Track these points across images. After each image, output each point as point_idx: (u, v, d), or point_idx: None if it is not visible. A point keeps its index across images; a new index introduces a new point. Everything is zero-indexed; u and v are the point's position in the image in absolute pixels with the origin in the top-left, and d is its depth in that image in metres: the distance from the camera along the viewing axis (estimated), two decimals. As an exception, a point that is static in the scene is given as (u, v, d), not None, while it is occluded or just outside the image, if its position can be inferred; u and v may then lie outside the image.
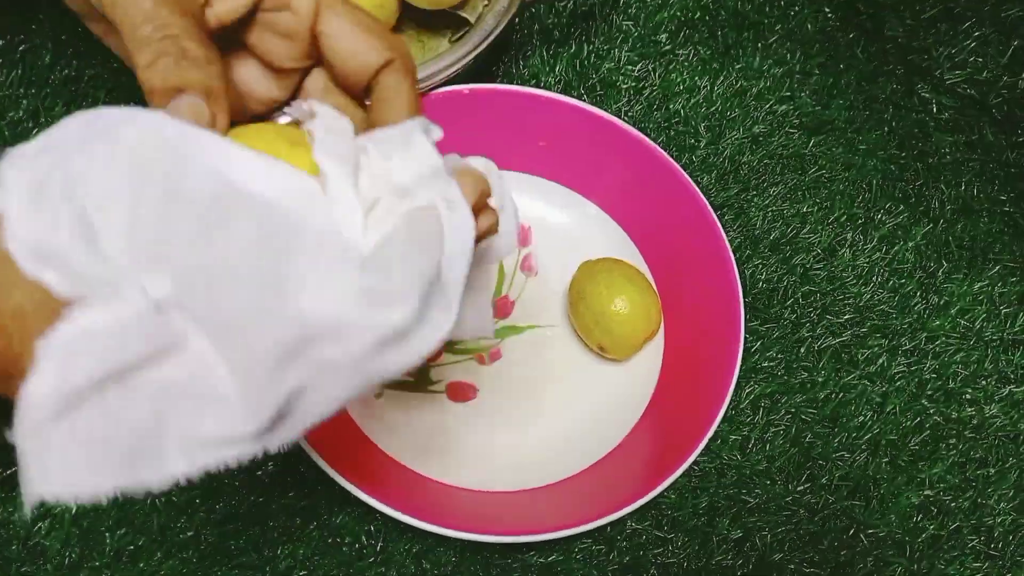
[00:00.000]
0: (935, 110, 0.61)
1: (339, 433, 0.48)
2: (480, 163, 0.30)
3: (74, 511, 0.46)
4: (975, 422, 0.53)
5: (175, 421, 0.23)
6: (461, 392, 0.51)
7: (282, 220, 0.24)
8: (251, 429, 0.23)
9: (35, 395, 0.22)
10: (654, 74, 0.60)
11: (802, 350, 0.54)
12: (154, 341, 0.23)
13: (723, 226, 0.52)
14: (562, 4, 0.61)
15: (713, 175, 0.58)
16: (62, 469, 0.22)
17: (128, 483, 0.23)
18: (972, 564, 0.49)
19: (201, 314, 0.23)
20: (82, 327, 0.22)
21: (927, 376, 0.54)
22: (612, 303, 0.50)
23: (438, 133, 0.29)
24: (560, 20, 0.61)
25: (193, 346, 0.23)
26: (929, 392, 0.53)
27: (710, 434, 0.47)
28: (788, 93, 0.61)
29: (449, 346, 0.52)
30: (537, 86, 0.57)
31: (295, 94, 0.31)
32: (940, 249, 0.57)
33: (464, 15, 0.55)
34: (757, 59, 0.61)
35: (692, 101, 0.60)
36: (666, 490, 0.47)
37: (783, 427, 0.52)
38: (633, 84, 0.60)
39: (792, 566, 0.49)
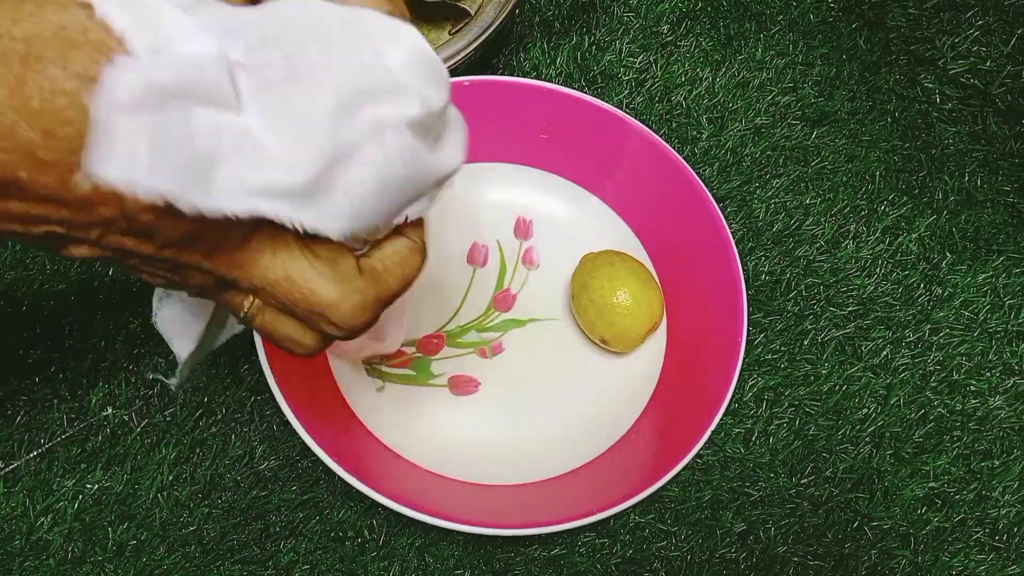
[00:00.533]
0: (938, 100, 0.60)
1: (341, 427, 0.48)
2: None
3: (76, 506, 0.46)
4: (979, 414, 0.53)
5: (226, 163, 0.25)
6: (463, 385, 0.51)
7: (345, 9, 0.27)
8: (294, 181, 0.25)
9: (117, 81, 0.23)
10: (656, 65, 0.60)
11: (805, 342, 0.53)
12: (219, 86, 0.25)
13: (725, 218, 0.52)
14: (563, -4, 0.61)
15: (715, 167, 0.57)
16: (125, 155, 0.23)
17: (179, 195, 0.24)
18: (976, 556, 0.49)
19: (265, 78, 0.25)
20: (159, 54, 0.24)
21: (931, 368, 0.53)
22: (614, 296, 0.49)
23: None
24: (561, 12, 0.61)
25: (249, 111, 0.25)
26: (933, 384, 0.53)
27: (713, 427, 0.47)
28: (790, 84, 0.60)
29: (451, 339, 0.52)
30: (538, 78, 0.57)
31: None
32: (944, 240, 0.57)
33: (464, 7, 0.54)
34: (759, 50, 0.61)
35: (694, 93, 0.59)
36: (669, 483, 0.47)
37: (786, 420, 0.51)
38: (635, 76, 0.59)
39: (796, 559, 0.48)
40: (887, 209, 0.58)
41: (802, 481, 0.50)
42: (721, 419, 0.48)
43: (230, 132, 0.25)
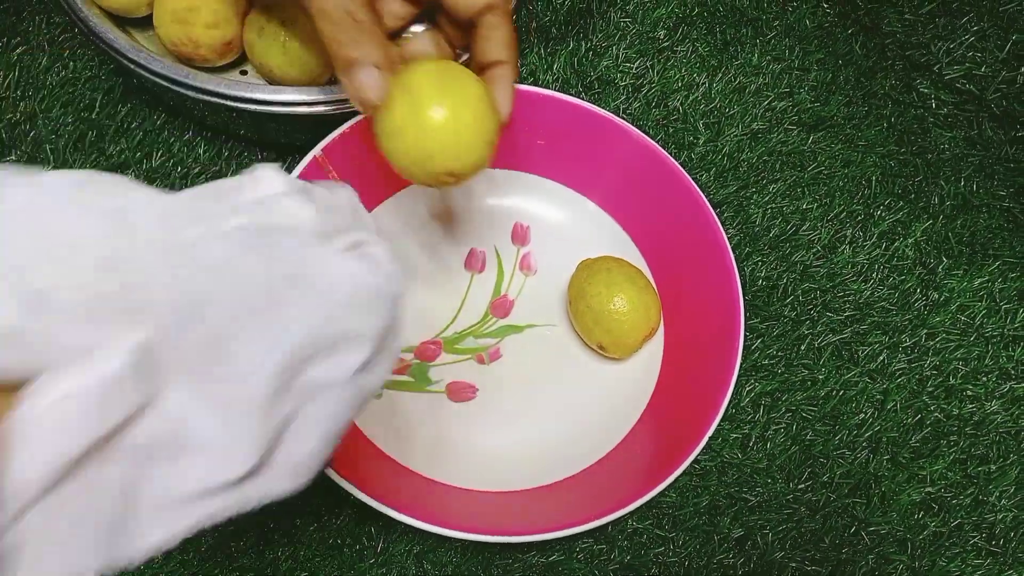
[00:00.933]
0: (934, 105, 0.61)
1: (339, 434, 0.48)
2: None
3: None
4: (976, 419, 0.53)
5: (150, 482, 0.21)
6: (460, 392, 0.51)
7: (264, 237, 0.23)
8: (237, 473, 0.22)
9: (18, 480, 0.19)
10: (652, 71, 0.60)
11: (802, 347, 0.53)
12: (133, 400, 0.20)
13: (722, 223, 0.52)
14: (559, 1, 0.61)
15: (712, 172, 0.58)
16: (58, 555, 0.20)
17: (110, 562, 0.21)
18: (973, 561, 0.49)
19: (187, 356, 0.21)
20: (54, 399, 0.19)
21: (928, 373, 0.54)
22: (611, 302, 0.49)
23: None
24: (558, 17, 0.61)
25: (170, 398, 0.21)
26: (930, 389, 0.53)
27: (710, 432, 0.47)
28: (787, 89, 0.61)
29: (449, 345, 0.52)
30: (535, 84, 0.57)
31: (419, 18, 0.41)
32: (940, 245, 0.57)
33: (461, 13, 0.55)
34: (755, 55, 0.61)
35: (691, 98, 0.59)
36: (667, 489, 0.47)
37: (784, 425, 0.51)
38: (631, 81, 0.59)
39: (793, 564, 0.48)
40: (883, 214, 0.58)
41: (799, 486, 0.50)
42: (718, 424, 0.48)
43: (153, 437, 0.21)
